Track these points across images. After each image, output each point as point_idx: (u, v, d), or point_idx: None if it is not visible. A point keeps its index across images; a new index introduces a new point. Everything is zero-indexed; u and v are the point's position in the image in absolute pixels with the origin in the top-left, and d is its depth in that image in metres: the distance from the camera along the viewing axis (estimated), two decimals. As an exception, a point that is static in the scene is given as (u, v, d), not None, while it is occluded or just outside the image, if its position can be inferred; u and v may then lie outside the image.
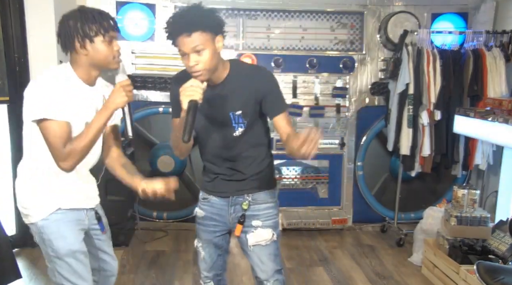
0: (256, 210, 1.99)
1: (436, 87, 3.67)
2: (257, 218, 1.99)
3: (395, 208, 4.07)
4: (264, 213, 2.01)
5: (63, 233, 1.86)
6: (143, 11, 3.82)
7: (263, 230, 1.99)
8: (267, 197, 2.02)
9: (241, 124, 1.88)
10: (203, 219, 2.06)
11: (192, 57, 1.69)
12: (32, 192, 1.86)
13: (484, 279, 2.26)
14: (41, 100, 1.73)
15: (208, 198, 2.04)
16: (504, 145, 3.31)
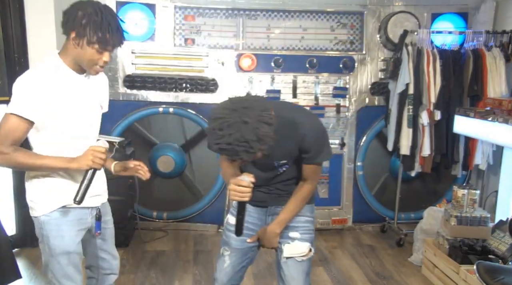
0: (296, 222, 1.95)
1: (436, 87, 3.67)
2: (296, 230, 1.95)
3: (395, 208, 4.07)
4: (303, 226, 1.96)
5: (62, 232, 1.87)
6: (143, 11, 3.82)
7: (300, 243, 1.94)
8: (307, 211, 1.98)
9: (285, 165, 1.90)
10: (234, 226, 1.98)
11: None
12: (38, 187, 1.87)
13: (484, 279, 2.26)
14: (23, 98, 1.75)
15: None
16: (504, 145, 3.31)
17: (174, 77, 3.90)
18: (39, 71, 1.78)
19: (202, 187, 4.16)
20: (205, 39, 3.94)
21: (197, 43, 3.94)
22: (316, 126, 1.84)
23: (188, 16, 3.91)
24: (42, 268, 1.96)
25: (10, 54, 3.37)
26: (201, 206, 4.08)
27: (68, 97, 1.78)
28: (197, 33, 3.93)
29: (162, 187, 4.14)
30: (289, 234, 1.94)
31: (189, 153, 4.15)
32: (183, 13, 3.91)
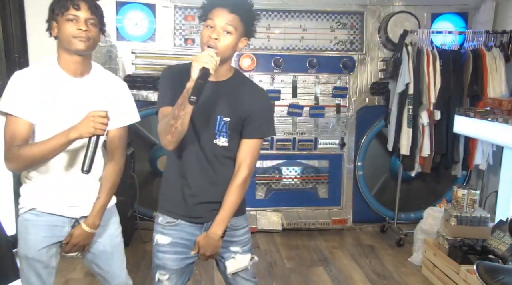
0: (235, 236, 1.86)
1: (436, 87, 3.67)
2: (236, 245, 1.87)
3: (395, 208, 4.07)
4: (242, 239, 1.88)
5: (26, 235, 1.81)
6: (143, 11, 3.82)
7: (242, 256, 1.88)
8: (243, 221, 1.90)
9: (223, 133, 1.73)
10: (169, 246, 1.81)
11: (217, 31, 1.62)
12: (21, 186, 1.85)
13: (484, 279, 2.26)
14: (7, 93, 1.70)
15: (176, 222, 1.81)
16: (504, 145, 3.31)
17: (174, 77, 3.90)
18: (29, 73, 1.75)
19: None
20: (205, 39, 3.93)
21: (197, 43, 3.93)
22: (268, 99, 1.87)
23: (188, 16, 3.91)
24: None
25: (10, 54, 3.37)
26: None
27: (54, 101, 1.73)
28: (197, 33, 3.93)
29: (162, 187, 4.14)
30: (230, 248, 1.86)
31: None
32: (183, 13, 3.91)
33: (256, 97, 1.78)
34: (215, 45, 1.61)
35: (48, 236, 1.82)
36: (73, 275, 3.20)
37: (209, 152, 1.75)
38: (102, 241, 1.92)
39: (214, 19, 1.63)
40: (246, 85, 1.80)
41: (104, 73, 1.88)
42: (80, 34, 1.68)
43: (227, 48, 1.65)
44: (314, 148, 4.14)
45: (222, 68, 1.70)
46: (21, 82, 1.71)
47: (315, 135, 4.12)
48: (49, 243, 1.83)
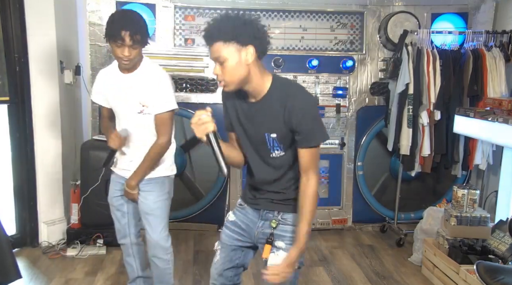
0: (284, 231, 1.87)
1: (436, 87, 3.67)
2: (282, 240, 1.87)
3: (395, 208, 4.07)
4: (289, 236, 1.87)
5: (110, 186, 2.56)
6: (143, 11, 3.81)
7: (284, 253, 1.84)
8: (295, 219, 1.87)
9: (277, 147, 1.79)
10: (231, 223, 2.00)
11: (216, 66, 1.70)
12: None
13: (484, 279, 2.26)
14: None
15: (244, 205, 1.99)
16: (504, 145, 3.31)
17: (174, 77, 3.90)
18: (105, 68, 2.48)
19: (202, 187, 4.16)
20: (205, 39, 3.94)
21: (197, 43, 3.94)
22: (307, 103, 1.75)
23: (188, 16, 3.92)
24: None
25: (10, 54, 3.37)
26: (201, 206, 4.08)
27: (110, 90, 2.37)
28: (197, 33, 3.93)
29: (162, 187, 4.14)
30: (275, 243, 1.87)
31: (189, 153, 4.15)
32: (183, 13, 3.91)
33: (294, 105, 1.70)
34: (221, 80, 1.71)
35: (118, 189, 2.49)
36: (73, 275, 3.21)
37: (271, 162, 1.85)
38: (146, 202, 2.45)
39: (210, 57, 1.73)
40: (283, 93, 1.73)
41: (148, 68, 2.34)
42: (123, 58, 2.21)
43: (231, 74, 1.68)
44: (314, 148, 4.13)
45: (251, 85, 1.73)
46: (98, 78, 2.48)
47: (315, 135, 4.12)
48: (118, 194, 2.49)
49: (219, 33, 1.65)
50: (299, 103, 1.70)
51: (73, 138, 3.91)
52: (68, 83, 3.73)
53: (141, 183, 2.43)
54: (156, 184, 2.45)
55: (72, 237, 3.58)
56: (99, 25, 3.80)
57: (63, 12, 3.63)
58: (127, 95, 2.33)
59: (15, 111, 3.43)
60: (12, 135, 3.47)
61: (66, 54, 3.69)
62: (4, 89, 3.39)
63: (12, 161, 3.51)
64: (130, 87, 2.32)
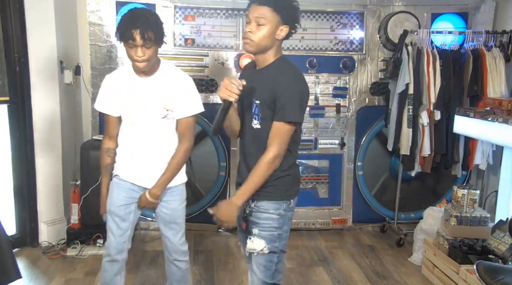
0: (257, 218, 1.94)
1: (436, 87, 3.67)
2: (256, 226, 1.94)
3: (395, 208, 4.07)
4: (263, 223, 1.93)
5: (111, 193, 2.32)
6: (143, 11, 3.82)
7: (257, 239, 1.93)
8: (270, 207, 1.93)
9: (255, 115, 1.89)
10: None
11: (252, 25, 1.79)
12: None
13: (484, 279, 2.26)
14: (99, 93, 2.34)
15: None
16: (504, 145, 3.31)
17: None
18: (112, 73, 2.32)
19: (202, 187, 4.16)
20: (205, 39, 3.94)
21: (197, 43, 3.94)
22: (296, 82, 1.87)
23: (188, 16, 3.92)
24: None
25: (10, 54, 3.37)
26: (201, 206, 4.08)
27: (124, 95, 2.20)
28: (197, 33, 3.93)
29: (162, 187, 4.14)
30: (252, 229, 1.95)
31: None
32: (183, 13, 3.91)
33: (282, 79, 1.83)
34: (249, 38, 1.79)
35: (127, 197, 2.31)
36: (73, 275, 3.21)
37: (247, 134, 1.95)
38: (166, 211, 2.38)
39: (248, 14, 1.81)
40: (279, 68, 1.87)
41: (169, 69, 2.25)
42: (138, 59, 2.07)
43: (261, 38, 1.79)
44: (314, 148, 4.14)
45: (263, 56, 1.86)
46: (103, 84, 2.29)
47: (315, 135, 4.12)
48: (126, 202, 2.31)
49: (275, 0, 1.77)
50: (288, 78, 1.84)
51: (73, 138, 3.90)
52: (68, 83, 3.73)
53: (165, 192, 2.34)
54: (177, 192, 2.38)
55: (72, 237, 3.58)
56: (99, 25, 3.80)
57: (63, 12, 3.62)
58: (148, 99, 2.20)
59: (15, 111, 3.43)
60: (12, 135, 3.47)
61: (66, 54, 3.69)
62: (4, 89, 3.39)
63: (12, 161, 3.51)
64: (152, 91, 2.20)
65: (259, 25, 1.78)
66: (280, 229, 1.95)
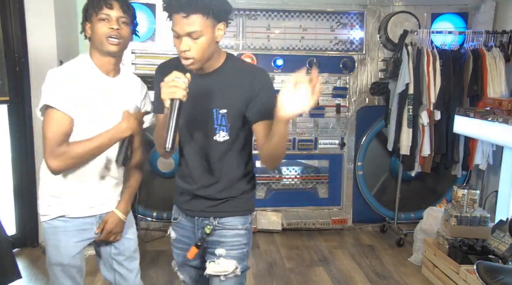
0: (223, 237, 1.69)
1: (436, 87, 3.67)
2: (221, 246, 1.69)
3: (395, 208, 4.07)
4: (230, 241, 1.70)
5: (58, 242, 1.82)
6: (143, 11, 3.82)
7: (226, 261, 1.68)
8: (238, 223, 1.71)
9: (223, 127, 1.61)
10: (175, 241, 1.84)
11: (186, 41, 1.47)
12: (42, 192, 1.85)
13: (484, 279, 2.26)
14: (48, 89, 1.70)
15: (178, 219, 1.81)
16: (504, 145, 3.31)
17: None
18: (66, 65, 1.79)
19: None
20: (205, 39, 3.93)
21: (197, 43, 3.93)
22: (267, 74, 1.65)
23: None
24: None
25: (10, 54, 3.37)
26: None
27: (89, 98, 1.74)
28: (197, 33, 3.92)
29: (162, 187, 4.14)
30: (215, 250, 1.69)
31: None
32: (183, 13, 3.91)
33: (256, 77, 1.60)
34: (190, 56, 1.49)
35: (80, 240, 1.86)
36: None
37: (209, 150, 1.64)
38: (125, 242, 1.96)
39: (175, 29, 1.47)
40: (242, 67, 1.64)
41: (130, 75, 1.92)
42: (112, 33, 1.69)
43: (203, 51, 1.50)
44: (314, 148, 4.14)
45: (209, 63, 1.58)
46: (60, 78, 1.71)
47: (315, 135, 4.12)
48: (82, 247, 1.88)
49: (199, 4, 1.43)
50: (267, 78, 1.63)
51: (73, 138, 3.90)
52: (68, 83, 3.73)
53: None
54: (130, 218, 2.01)
55: (72, 237, 3.57)
56: (99, 25, 3.79)
57: (63, 12, 3.62)
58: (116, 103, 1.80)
59: (15, 111, 3.43)
60: (12, 135, 3.47)
61: (66, 53, 3.69)
62: (4, 89, 3.39)
63: (12, 161, 3.51)
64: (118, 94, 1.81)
65: (195, 39, 1.47)
66: (248, 245, 1.75)
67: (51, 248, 1.84)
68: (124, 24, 1.72)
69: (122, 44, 1.73)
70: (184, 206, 1.76)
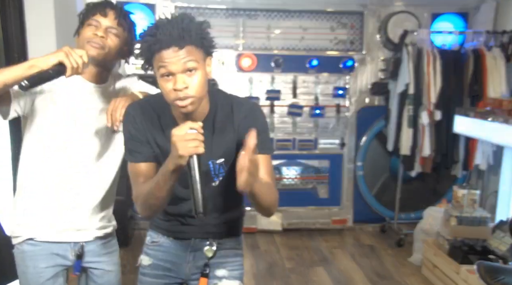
0: (223, 257, 1.59)
1: (436, 87, 3.67)
2: (223, 267, 1.60)
3: (395, 208, 4.07)
4: (231, 262, 1.62)
5: (25, 268, 1.63)
6: (143, 11, 3.82)
7: (229, 281, 1.59)
8: (236, 243, 1.65)
9: (221, 174, 1.48)
10: (150, 268, 1.65)
11: (181, 78, 1.27)
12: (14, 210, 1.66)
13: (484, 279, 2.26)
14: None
15: (159, 241, 1.61)
16: (504, 145, 3.31)
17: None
18: None
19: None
20: (205, 39, 3.94)
21: (197, 43, 3.93)
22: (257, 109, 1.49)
23: (188, 16, 3.91)
24: None
25: (10, 54, 3.37)
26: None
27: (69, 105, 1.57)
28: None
29: (162, 187, 4.14)
30: (216, 272, 1.58)
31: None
32: (183, 13, 3.91)
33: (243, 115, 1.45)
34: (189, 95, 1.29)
35: (51, 266, 1.63)
36: (73, 275, 3.20)
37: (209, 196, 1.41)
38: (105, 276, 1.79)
39: (167, 65, 1.27)
40: (227, 108, 1.45)
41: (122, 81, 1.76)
42: (95, 38, 1.53)
43: (202, 86, 1.31)
44: (314, 148, 4.14)
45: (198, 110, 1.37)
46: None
47: (315, 135, 4.12)
48: (53, 273, 1.64)
49: (193, 34, 1.28)
50: (248, 107, 1.47)
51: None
52: (68, 83, 3.73)
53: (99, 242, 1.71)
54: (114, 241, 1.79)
55: (72, 237, 3.56)
56: (99, 25, 3.80)
57: (63, 12, 3.62)
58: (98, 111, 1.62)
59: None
60: (12, 136, 3.47)
61: (66, 54, 3.69)
62: (4, 89, 3.39)
63: (12, 162, 3.50)
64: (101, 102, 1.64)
65: (191, 73, 1.28)
66: (243, 267, 1.67)
67: (20, 276, 1.65)
68: (113, 36, 1.58)
69: (104, 52, 1.57)
70: (172, 229, 1.58)
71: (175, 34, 1.25)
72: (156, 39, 1.26)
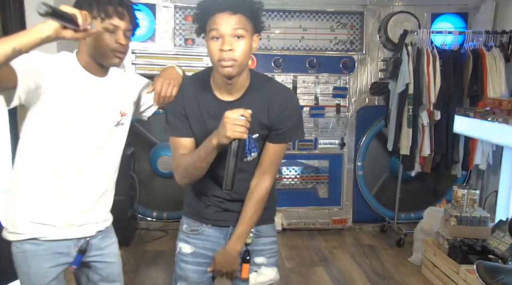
0: (261, 245, 1.66)
1: (436, 87, 3.67)
2: (262, 255, 1.66)
3: (395, 208, 4.07)
4: (269, 249, 1.69)
5: (28, 269, 1.57)
6: (143, 11, 3.82)
7: (267, 268, 1.66)
8: (271, 230, 1.72)
9: (254, 148, 1.56)
10: (192, 256, 1.66)
11: (228, 40, 1.38)
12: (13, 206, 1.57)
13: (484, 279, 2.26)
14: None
15: (199, 230, 1.67)
16: (504, 145, 3.31)
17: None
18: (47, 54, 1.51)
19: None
20: (205, 39, 3.94)
21: (197, 43, 3.94)
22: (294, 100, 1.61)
23: (188, 16, 3.91)
24: None
25: (10, 54, 3.37)
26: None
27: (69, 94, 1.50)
28: (197, 33, 3.92)
29: (162, 187, 4.14)
30: (254, 259, 1.63)
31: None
32: (183, 13, 3.91)
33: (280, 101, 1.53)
34: (233, 58, 1.39)
35: (55, 265, 1.59)
36: (73, 275, 3.20)
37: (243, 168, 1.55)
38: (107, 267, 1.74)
39: (218, 28, 1.38)
40: (267, 89, 1.55)
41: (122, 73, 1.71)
42: (119, 49, 1.50)
43: (245, 54, 1.41)
44: (314, 148, 4.14)
45: (238, 78, 1.47)
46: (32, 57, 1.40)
47: (315, 135, 4.13)
48: (57, 273, 1.61)
49: (248, 5, 1.40)
50: (286, 98, 1.56)
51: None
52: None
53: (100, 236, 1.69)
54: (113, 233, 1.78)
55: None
56: (99, 25, 3.80)
57: (63, 12, 3.63)
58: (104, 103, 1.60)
59: (15, 111, 3.42)
60: (12, 134, 3.47)
61: (66, 54, 3.69)
62: (4, 89, 3.39)
63: (12, 161, 3.50)
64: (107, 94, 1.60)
65: (239, 39, 1.39)
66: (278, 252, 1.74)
67: (22, 275, 1.60)
68: (127, 38, 1.54)
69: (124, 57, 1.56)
70: (213, 217, 1.64)
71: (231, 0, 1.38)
72: (212, 2, 1.40)
